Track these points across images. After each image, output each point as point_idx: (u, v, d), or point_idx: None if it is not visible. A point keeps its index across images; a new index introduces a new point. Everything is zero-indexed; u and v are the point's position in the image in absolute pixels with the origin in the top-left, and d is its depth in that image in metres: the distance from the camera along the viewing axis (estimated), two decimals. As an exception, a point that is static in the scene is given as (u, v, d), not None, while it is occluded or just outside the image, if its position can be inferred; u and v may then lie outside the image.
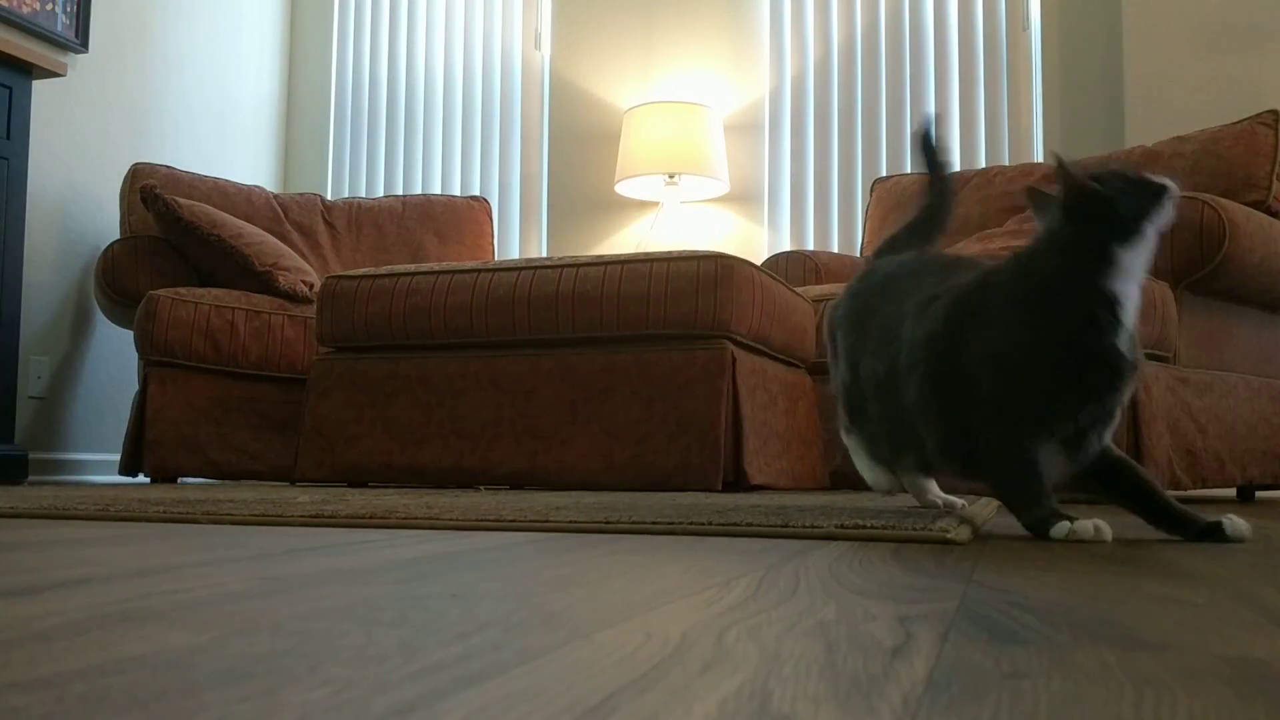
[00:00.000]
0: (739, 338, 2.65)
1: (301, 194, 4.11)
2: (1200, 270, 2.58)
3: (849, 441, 1.56)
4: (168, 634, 0.49)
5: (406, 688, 0.38)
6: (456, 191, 4.64)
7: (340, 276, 2.98)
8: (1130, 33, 3.74)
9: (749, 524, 1.20)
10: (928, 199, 1.61)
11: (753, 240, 4.25)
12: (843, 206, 4.17)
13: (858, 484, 2.91)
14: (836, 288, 3.12)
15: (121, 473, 3.27)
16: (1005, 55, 4.04)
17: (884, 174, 4.02)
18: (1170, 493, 1.42)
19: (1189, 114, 3.60)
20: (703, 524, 1.20)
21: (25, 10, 3.54)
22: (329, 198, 4.53)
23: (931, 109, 4.10)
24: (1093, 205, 1.18)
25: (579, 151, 4.49)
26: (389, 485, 2.94)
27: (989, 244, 3.11)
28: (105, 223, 3.90)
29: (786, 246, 4.18)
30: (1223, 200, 2.61)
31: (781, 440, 2.77)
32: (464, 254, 4.06)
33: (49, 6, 3.64)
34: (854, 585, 0.71)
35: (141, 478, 3.31)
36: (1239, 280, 2.66)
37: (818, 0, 4.27)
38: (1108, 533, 1.14)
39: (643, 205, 4.35)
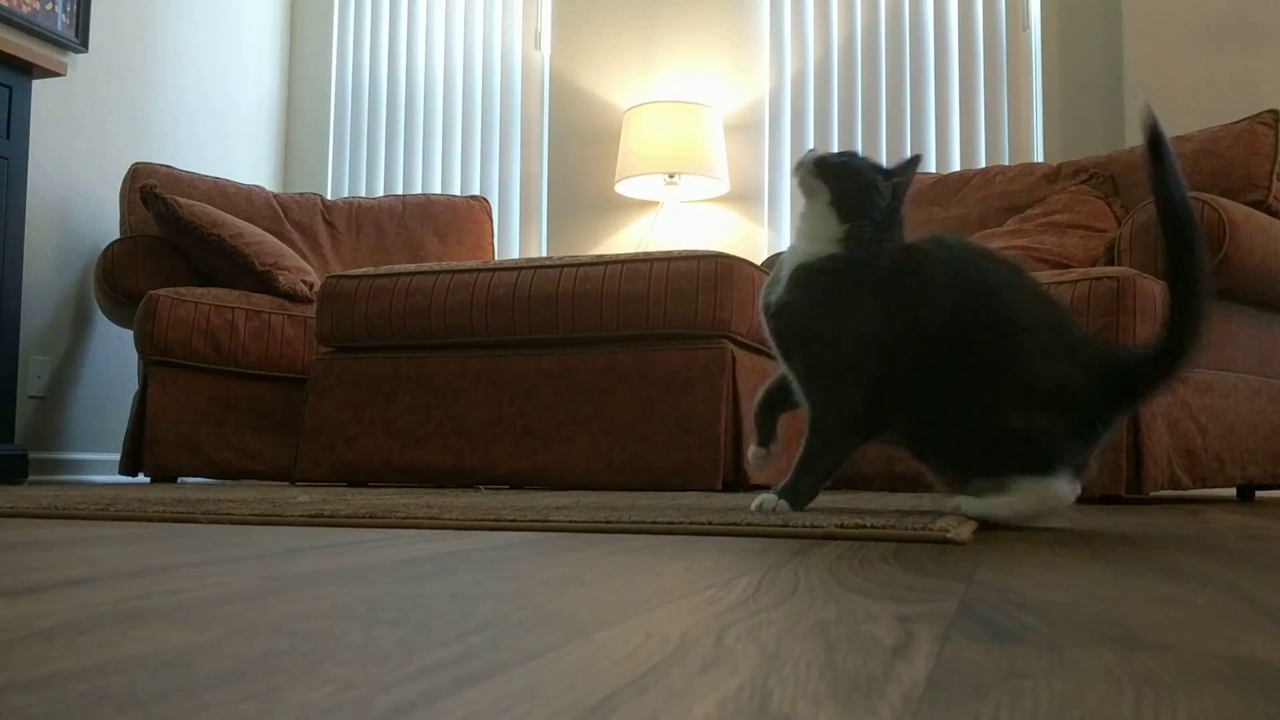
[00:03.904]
0: (739, 337, 2.65)
1: (301, 194, 4.11)
2: (1200, 270, 2.58)
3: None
4: (168, 634, 0.49)
5: (406, 688, 0.38)
6: (456, 191, 4.64)
7: (340, 276, 2.98)
8: (1130, 33, 3.74)
9: (749, 524, 1.20)
10: None
11: (753, 240, 4.25)
12: (843, 206, 4.17)
13: (857, 484, 2.91)
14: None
15: (121, 473, 3.27)
16: (1005, 55, 4.04)
17: (884, 174, 4.02)
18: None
19: (1189, 114, 3.60)
20: (703, 524, 1.20)
21: (25, 10, 3.54)
22: (329, 198, 4.53)
23: (931, 109, 4.10)
24: None
25: (579, 151, 4.48)
26: (389, 485, 2.94)
27: (989, 243, 3.11)
28: (105, 223, 3.90)
29: (786, 246, 4.18)
30: (1223, 200, 2.61)
31: (781, 440, 2.77)
32: (464, 254, 4.06)
33: (49, 6, 3.64)
34: (854, 585, 0.71)
35: (141, 478, 3.32)
36: (1239, 280, 2.66)
37: (818, 0, 4.27)
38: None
39: (643, 205, 4.35)
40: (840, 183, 1.47)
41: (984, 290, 1.37)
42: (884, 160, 1.60)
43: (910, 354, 1.38)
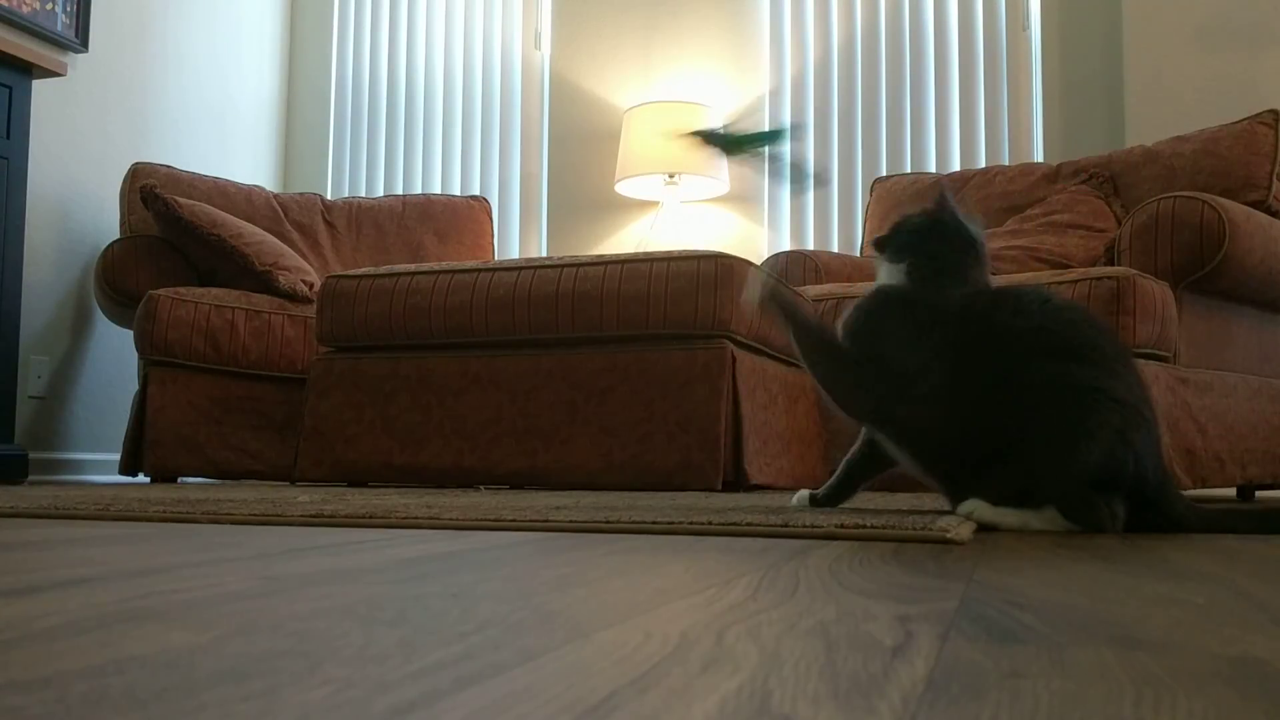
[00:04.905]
0: (739, 337, 2.65)
1: (301, 194, 4.11)
2: (1200, 270, 2.58)
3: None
4: (168, 634, 0.49)
5: (406, 688, 0.38)
6: (456, 191, 4.64)
7: (340, 276, 2.98)
8: (1130, 33, 3.74)
9: (749, 524, 1.20)
10: None
11: (753, 240, 4.25)
12: (843, 206, 4.17)
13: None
14: (836, 288, 3.12)
15: (121, 473, 3.27)
16: (1005, 55, 4.04)
17: (884, 174, 4.02)
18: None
19: (1189, 114, 3.60)
20: (703, 524, 1.20)
21: (25, 10, 3.54)
22: (329, 198, 4.53)
23: (931, 109, 4.10)
24: None
25: (579, 151, 4.49)
26: (389, 485, 2.94)
27: (989, 244, 3.11)
28: (105, 223, 3.90)
29: (786, 246, 4.18)
30: (1223, 200, 2.61)
31: (781, 440, 2.77)
32: (464, 254, 4.06)
33: (49, 6, 3.64)
34: (854, 585, 0.71)
35: (141, 478, 3.32)
36: (1239, 280, 2.66)
37: (818, 0, 4.27)
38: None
39: (643, 205, 4.35)
40: (897, 238, 1.56)
41: (1065, 348, 1.38)
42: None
43: (958, 393, 1.40)
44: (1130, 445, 1.33)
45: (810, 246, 4.17)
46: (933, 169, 4.04)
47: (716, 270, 2.60)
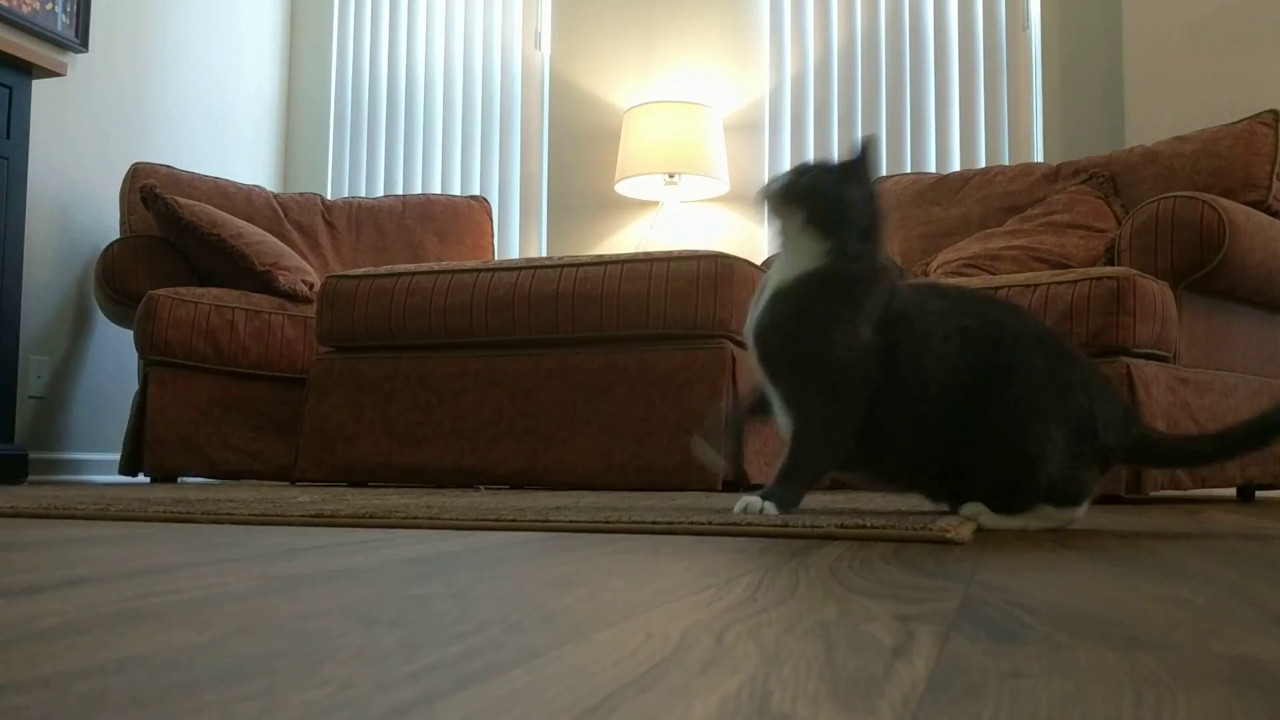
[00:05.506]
0: (739, 337, 2.65)
1: (301, 194, 4.11)
2: (1200, 270, 2.58)
3: None
4: (168, 634, 0.49)
5: (406, 687, 0.38)
6: (456, 191, 4.64)
7: (340, 276, 2.98)
8: (1130, 33, 3.74)
9: (749, 524, 1.20)
10: None
11: (753, 240, 4.25)
12: (843, 206, 4.17)
13: (857, 484, 2.91)
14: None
15: (121, 473, 3.27)
16: (1005, 55, 4.04)
17: (884, 174, 4.02)
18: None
19: (1189, 114, 3.60)
20: (703, 524, 1.20)
21: (25, 10, 3.54)
22: (329, 198, 4.53)
23: (931, 109, 4.10)
24: None
25: (579, 151, 4.48)
26: (389, 485, 2.94)
27: (989, 243, 3.11)
28: (105, 223, 3.90)
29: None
30: (1223, 200, 2.61)
31: (781, 440, 2.77)
32: (464, 254, 4.06)
33: (49, 6, 3.64)
34: (854, 585, 0.71)
35: (141, 478, 3.31)
36: (1239, 280, 2.66)
37: (818, 0, 4.27)
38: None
39: (643, 205, 4.35)
40: (814, 203, 1.45)
41: (998, 328, 1.39)
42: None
43: (905, 391, 1.39)
44: (1077, 388, 1.35)
45: (810, 246, 4.16)
46: (933, 169, 4.04)
47: (716, 270, 2.60)
